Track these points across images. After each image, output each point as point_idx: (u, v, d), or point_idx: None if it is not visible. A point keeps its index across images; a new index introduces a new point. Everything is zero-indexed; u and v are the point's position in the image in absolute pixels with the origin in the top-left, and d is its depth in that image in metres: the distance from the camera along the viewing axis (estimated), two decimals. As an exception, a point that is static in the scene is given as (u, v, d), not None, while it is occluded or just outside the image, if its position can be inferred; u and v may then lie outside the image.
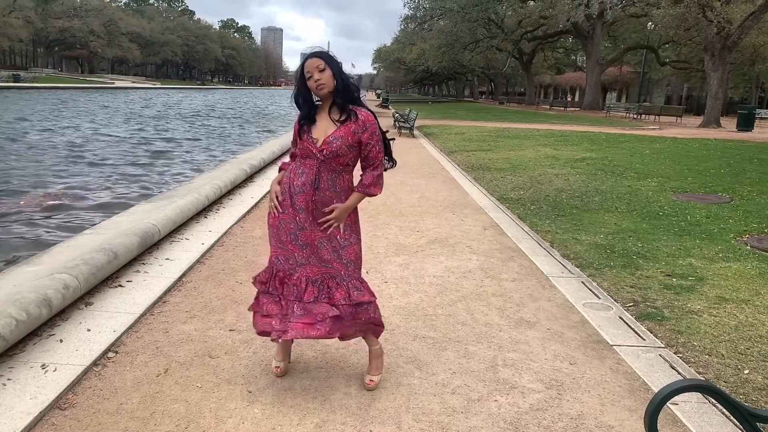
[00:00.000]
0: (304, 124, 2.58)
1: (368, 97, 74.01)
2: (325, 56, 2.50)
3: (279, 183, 2.66)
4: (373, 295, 2.68)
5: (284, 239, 2.58)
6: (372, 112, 2.58)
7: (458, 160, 12.13)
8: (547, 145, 14.57)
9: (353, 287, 2.59)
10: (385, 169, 2.71)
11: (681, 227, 6.17)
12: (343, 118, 2.51)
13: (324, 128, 2.52)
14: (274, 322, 2.64)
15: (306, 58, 2.52)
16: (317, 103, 2.61)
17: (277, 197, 2.62)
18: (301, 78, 2.52)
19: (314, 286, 2.56)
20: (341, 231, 2.58)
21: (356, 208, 2.66)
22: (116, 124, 22.79)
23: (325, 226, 2.54)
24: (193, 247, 4.86)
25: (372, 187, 2.62)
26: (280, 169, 2.77)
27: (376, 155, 2.58)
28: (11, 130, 17.82)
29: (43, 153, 13.44)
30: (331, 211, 2.54)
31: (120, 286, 3.86)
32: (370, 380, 2.74)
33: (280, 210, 2.58)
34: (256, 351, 3.05)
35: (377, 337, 2.79)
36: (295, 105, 2.61)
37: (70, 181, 10.16)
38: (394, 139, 2.77)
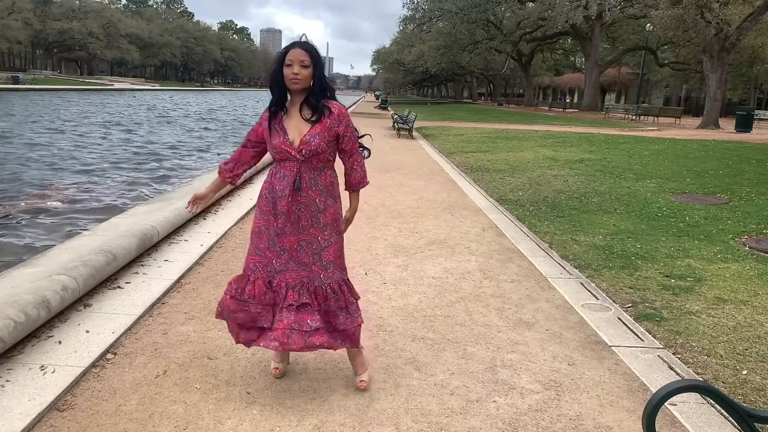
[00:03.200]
0: (276, 112, 2.48)
1: (367, 99, 74.04)
2: (313, 52, 2.40)
3: (213, 188, 2.69)
4: (355, 297, 2.62)
5: (262, 246, 2.52)
6: (342, 104, 2.54)
7: (457, 161, 12.14)
8: (546, 147, 14.59)
9: (331, 292, 2.52)
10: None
11: (679, 228, 6.18)
12: (315, 117, 2.43)
13: (298, 127, 2.44)
14: (251, 334, 2.60)
15: (294, 45, 2.41)
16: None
17: (197, 201, 2.67)
18: (280, 62, 2.41)
19: (294, 291, 2.50)
20: (315, 233, 2.51)
21: (339, 204, 2.59)
22: (113, 125, 22.78)
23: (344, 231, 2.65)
24: (192, 249, 4.86)
25: (362, 182, 2.66)
26: (220, 171, 2.64)
27: (354, 146, 2.57)
28: (8, 131, 17.81)
29: (40, 154, 13.43)
30: (346, 221, 2.66)
31: (119, 287, 3.86)
32: (361, 381, 2.69)
33: (192, 209, 2.69)
34: (255, 352, 3.05)
35: (355, 346, 2.67)
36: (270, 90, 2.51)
37: (68, 182, 10.16)
38: (366, 134, 2.76)
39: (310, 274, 2.50)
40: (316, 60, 2.40)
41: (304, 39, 2.47)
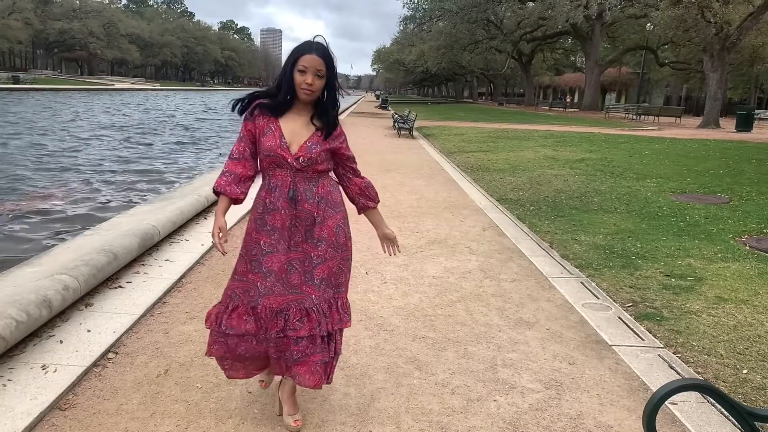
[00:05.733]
0: (267, 113, 2.18)
1: (367, 98, 74.03)
2: (329, 61, 2.13)
3: (224, 213, 2.25)
4: (347, 322, 2.33)
5: (242, 269, 2.26)
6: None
7: (457, 161, 12.14)
8: (546, 146, 14.58)
9: (321, 313, 2.22)
10: None
11: (680, 228, 6.18)
12: (327, 131, 2.21)
13: (296, 132, 2.18)
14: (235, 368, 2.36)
15: (310, 48, 2.12)
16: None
17: (220, 233, 2.21)
18: (293, 65, 2.12)
19: (279, 318, 2.20)
20: (309, 250, 2.24)
21: (346, 222, 2.35)
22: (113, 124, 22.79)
23: (396, 251, 2.48)
24: (193, 248, 4.87)
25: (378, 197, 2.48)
26: (219, 193, 2.26)
27: (354, 161, 2.36)
28: (11, 131, 17.81)
29: (41, 154, 13.44)
30: (387, 238, 2.45)
31: (120, 287, 3.86)
32: (296, 420, 2.38)
33: (225, 251, 2.20)
34: (256, 351, 3.05)
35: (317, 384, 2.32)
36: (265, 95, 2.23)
37: (69, 181, 10.17)
38: None
39: (299, 296, 2.21)
40: (331, 68, 2.14)
41: (318, 39, 2.17)
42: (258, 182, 2.33)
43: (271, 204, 2.20)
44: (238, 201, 2.30)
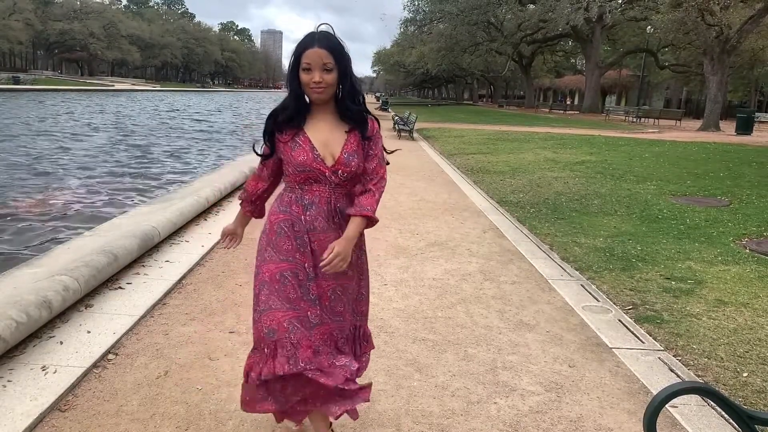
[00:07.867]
0: (289, 127, 1.95)
1: (367, 100, 73.96)
2: (336, 51, 1.87)
3: (243, 224, 2.19)
4: (361, 348, 2.23)
5: (293, 296, 1.95)
6: (376, 118, 2.06)
7: (458, 162, 12.15)
8: (546, 148, 14.59)
9: (349, 337, 2.13)
10: None
11: (680, 230, 6.18)
12: (361, 130, 1.97)
13: (327, 140, 1.93)
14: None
15: (312, 41, 1.87)
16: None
17: (230, 237, 2.17)
18: (295, 66, 1.90)
19: (328, 347, 2.02)
20: (353, 275, 2.08)
21: (364, 242, 2.11)
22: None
23: (330, 269, 1.90)
24: (193, 250, 4.87)
25: (375, 212, 1.99)
26: (240, 204, 2.18)
27: (382, 171, 2.04)
28: (10, 132, 17.82)
29: (41, 155, 13.44)
30: (331, 250, 1.89)
31: (120, 288, 3.86)
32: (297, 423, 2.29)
33: (232, 247, 2.16)
34: (256, 353, 3.05)
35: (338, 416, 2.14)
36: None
37: (69, 183, 10.17)
38: (398, 149, 2.26)
39: (341, 324, 2.05)
40: (339, 57, 1.87)
41: (323, 29, 1.91)
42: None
43: (309, 223, 1.94)
44: (255, 217, 2.22)
